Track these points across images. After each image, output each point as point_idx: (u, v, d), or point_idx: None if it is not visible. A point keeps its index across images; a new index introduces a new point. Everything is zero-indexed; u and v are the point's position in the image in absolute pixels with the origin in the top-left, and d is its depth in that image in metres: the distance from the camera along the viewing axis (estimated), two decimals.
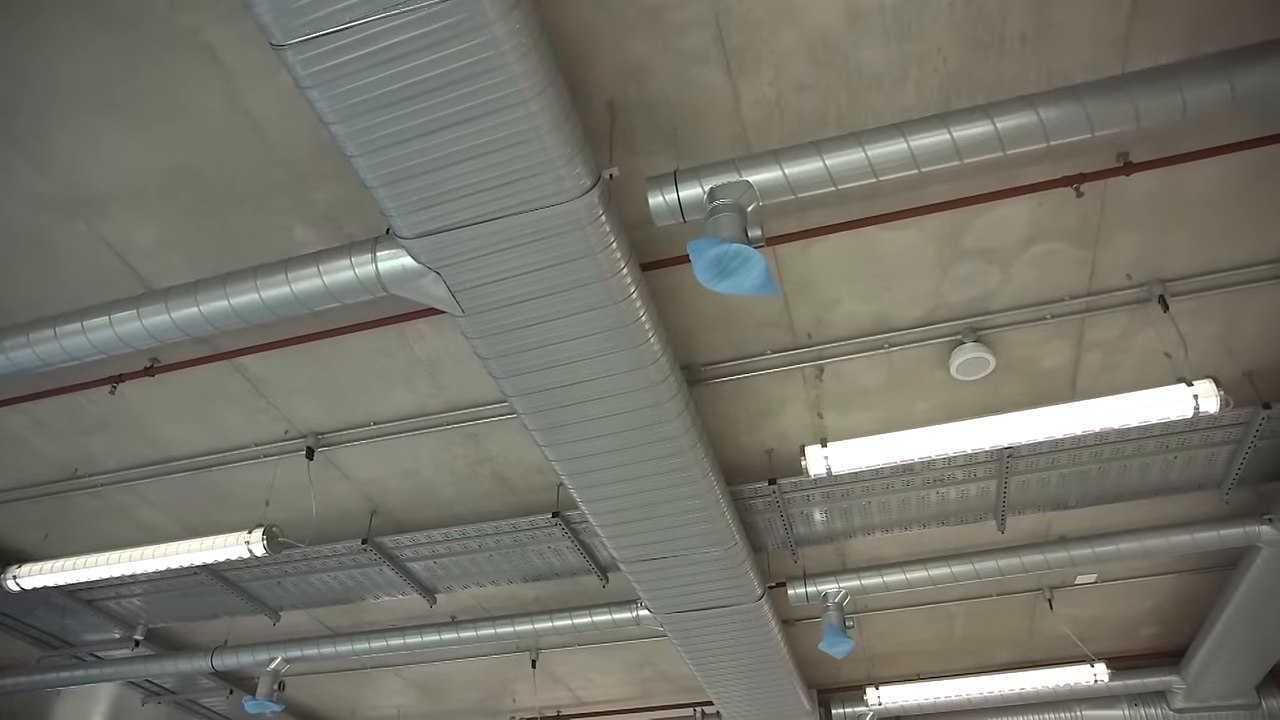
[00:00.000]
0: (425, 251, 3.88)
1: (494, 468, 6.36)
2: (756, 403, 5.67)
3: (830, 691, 9.70)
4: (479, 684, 9.87)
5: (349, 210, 4.51)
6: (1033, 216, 4.59)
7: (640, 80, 3.87)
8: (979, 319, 5.12)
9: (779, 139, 4.09)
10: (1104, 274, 4.94)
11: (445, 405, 5.82)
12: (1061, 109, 3.44)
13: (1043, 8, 3.70)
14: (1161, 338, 5.30)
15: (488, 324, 4.25)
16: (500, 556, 7.16)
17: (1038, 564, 6.61)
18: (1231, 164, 4.40)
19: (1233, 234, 4.75)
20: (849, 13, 3.66)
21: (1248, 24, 3.78)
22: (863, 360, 5.34)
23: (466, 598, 7.96)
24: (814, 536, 6.88)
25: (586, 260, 3.90)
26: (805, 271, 4.81)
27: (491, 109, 3.29)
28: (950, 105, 4.01)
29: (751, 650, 7.27)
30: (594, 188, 3.64)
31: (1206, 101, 3.37)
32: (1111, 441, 5.98)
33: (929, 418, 5.80)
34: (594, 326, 4.21)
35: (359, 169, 3.50)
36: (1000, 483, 6.29)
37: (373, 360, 5.45)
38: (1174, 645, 9.13)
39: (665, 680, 9.82)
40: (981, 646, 9.26)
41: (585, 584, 7.61)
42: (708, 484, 5.31)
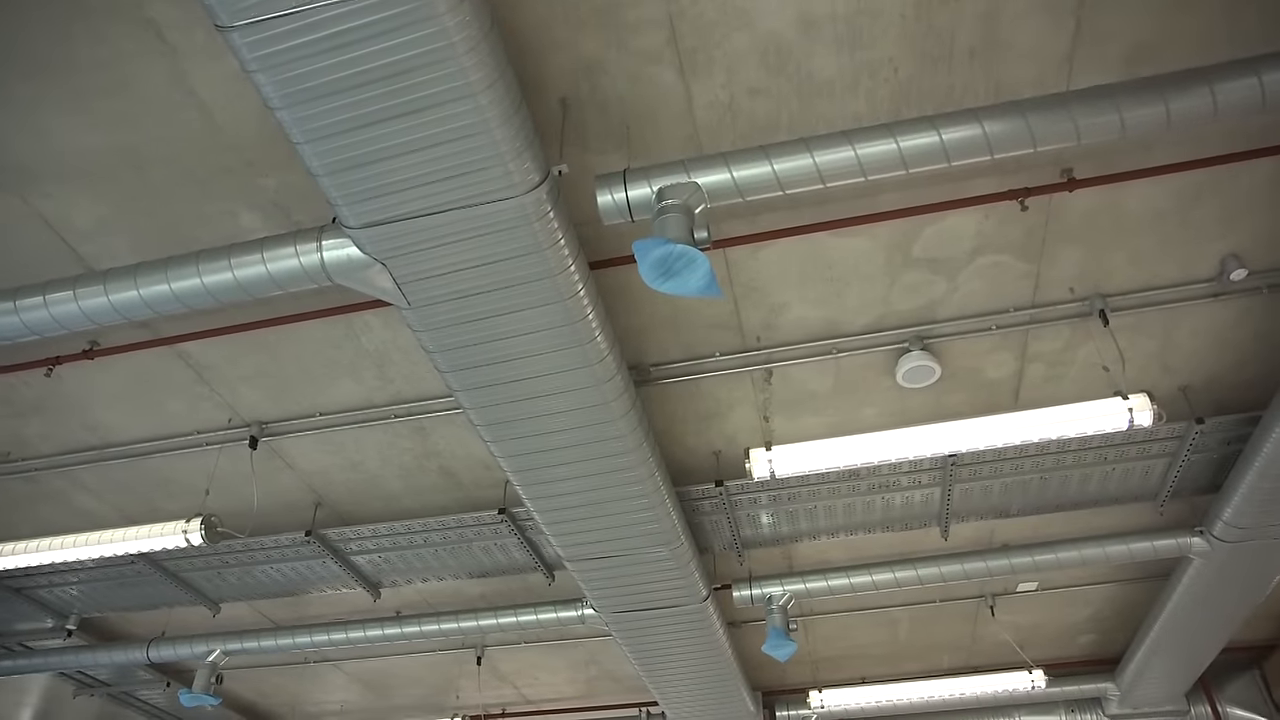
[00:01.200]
0: (371, 242, 3.84)
1: (441, 462, 6.31)
2: (705, 404, 5.70)
3: (775, 694, 9.78)
4: (424, 680, 9.79)
5: (299, 198, 4.45)
6: (979, 228, 4.66)
7: (593, 78, 3.87)
8: (926, 328, 5.18)
9: (731, 142, 4.12)
10: (1048, 287, 5.03)
11: (392, 398, 5.76)
12: (1005, 123, 3.50)
13: (991, 24, 3.76)
14: (1101, 352, 5.41)
15: (434, 317, 4.21)
16: (446, 552, 7.11)
17: (979, 571, 6.72)
18: (1170, 184, 4.51)
19: (1170, 252, 4.87)
20: (801, 19, 3.68)
21: (1184, 51, 3.88)
22: (811, 365, 5.39)
23: (411, 593, 7.89)
24: (761, 539, 6.92)
25: (534, 256, 3.89)
26: (755, 275, 4.84)
27: (440, 100, 3.27)
28: (900, 115, 4.06)
29: (697, 651, 7.30)
30: (543, 184, 3.64)
31: (1143, 122, 3.45)
32: (1052, 452, 6.09)
33: (876, 424, 5.87)
34: (540, 323, 4.20)
35: (305, 156, 3.46)
36: (944, 490, 6.38)
37: (319, 350, 5.39)
38: (1110, 653, 9.34)
39: (611, 680, 9.82)
40: (925, 651, 9.38)
41: (531, 581, 7.58)
42: (654, 484, 5.33)
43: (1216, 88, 3.38)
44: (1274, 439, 5.32)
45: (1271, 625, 8.72)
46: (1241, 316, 5.27)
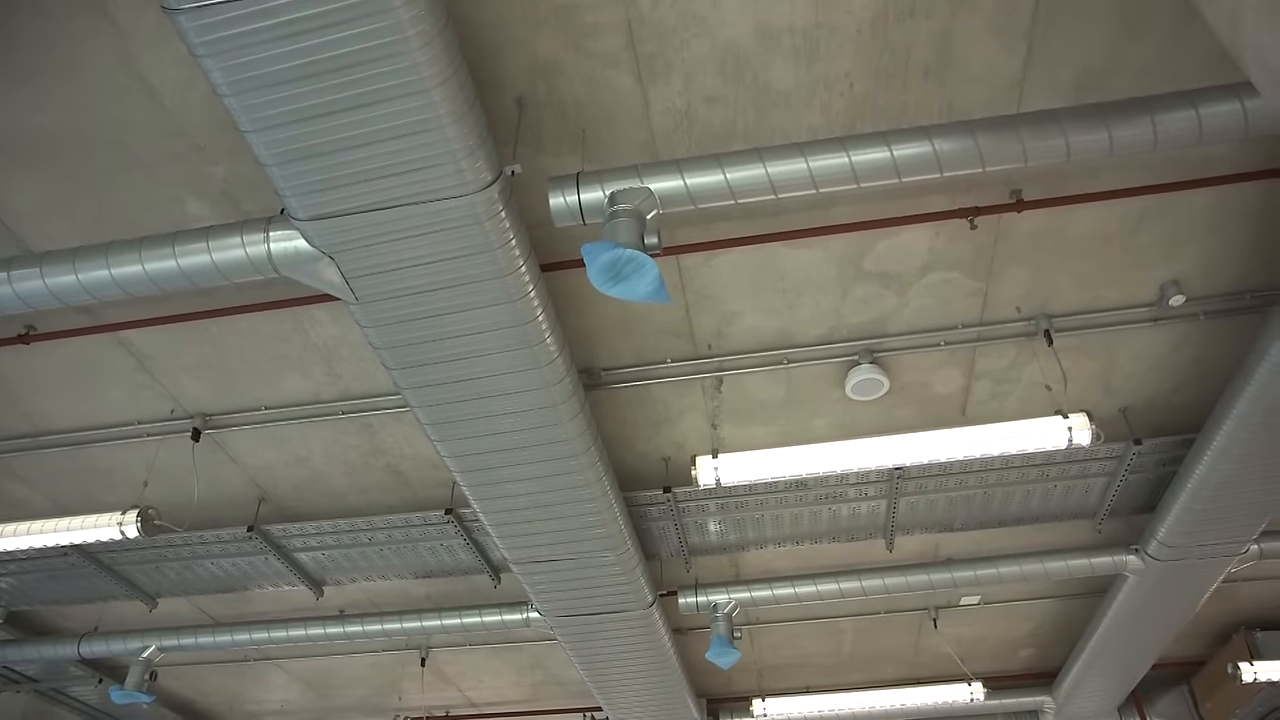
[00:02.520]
0: (319, 235, 3.79)
1: (388, 460, 6.24)
2: (656, 410, 5.70)
3: (720, 701, 9.79)
4: (367, 680, 9.66)
5: (248, 187, 4.38)
6: (930, 245, 4.72)
7: (550, 79, 3.86)
8: (876, 341, 5.24)
9: (687, 149, 4.13)
10: (995, 306, 5.11)
11: (340, 394, 5.69)
12: (955, 142, 3.55)
13: (946, 44, 3.81)
14: (1045, 371, 5.50)
15: (381, 313, 4.17)
16: (391, 551, 7.03)
17: (923, 584, 6.80)
18: (1116, 209, 4.60)
19: (1114, 276, 4.97)
20: (760, 30, 3.71)
21: (1130, 80, 3.96)
22: (762, 374, 5.42)
23: (356, 592, 7.79)
24: (708, 546, 6.93)
25: (484, 256, 3.87)
26: (708, 283, 4.85)
27: (392, 95, 3.24)
28: (855, 129, 4.10)
29: (641, 657, 7.29)
30: (495, 183, 3.62)
31: (1088, 148, 3.52)
32: (996, 468, 6.18)
33: (826, 434, 5.91)
34: (489, 323, 4.18)
35: (254, 145, 3.41)
36: (890, 502, 6.44)
37: (267, 343, 5.30)
38: (1049, 667, 9.49)
39: (556, 684, 9.78)
40: (870, 662, 9.46)
41: (477, 583, 7.52)
42: (601, 488, 5.31)
43: (1157, 118, 3.46)
44: (1206, 462, 5.45)
45: (1200, 642, 8.93)
46: (1180, 341, 5.40)
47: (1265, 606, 8.35)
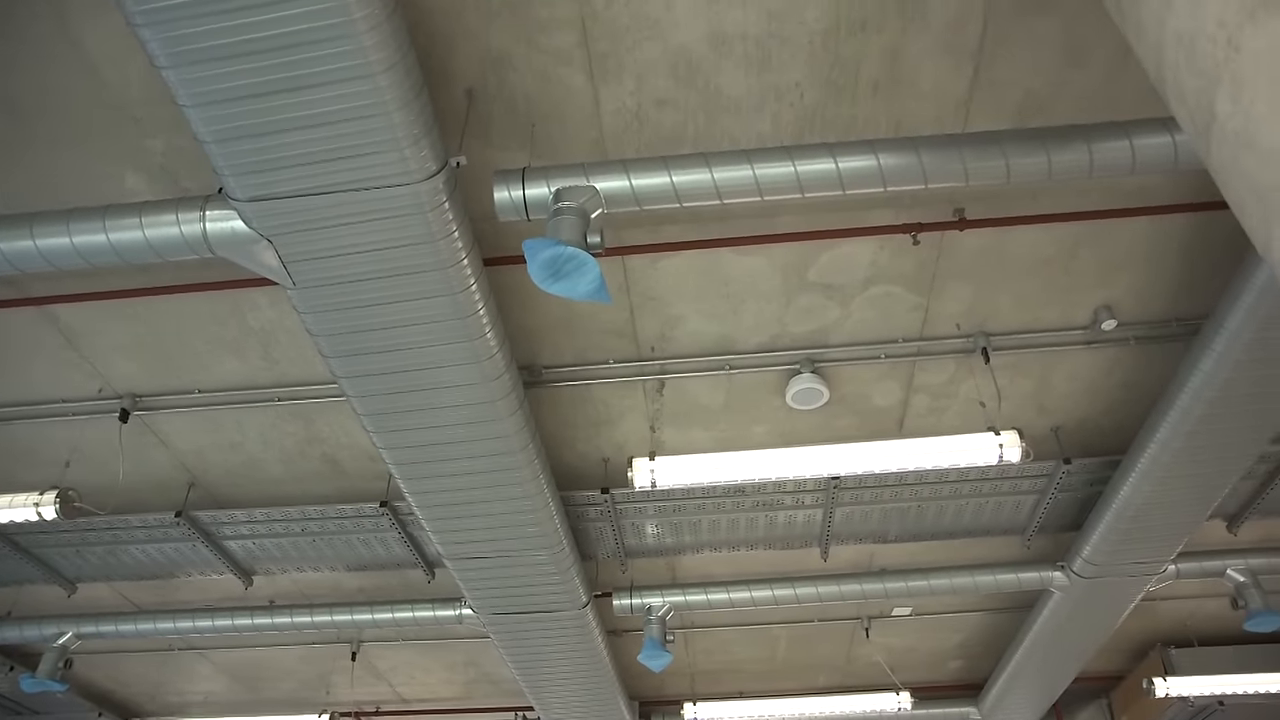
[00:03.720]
0: (258, 217, 3.72)
1: (325, 449, 6.15)
2: (596, 411, 5.68)
3: (653, 704, 9.80)
4: (296, 673, 9.49)
5: (189, 164, 4.28)
6: (874, 258, 4.78)
7: (501, 72, 3.83)
8: (818, 351, 5.29)
9: (636, 150, 4.13)
10: (935, 322, 5.19)
11: (277, 380, 5.58)
12: (900, 158, 3.60)
13: (896, 61, 3.86)
14: (982, 388, 5.60)
15: (319, 300, 4.10)
16: (324, 542, 6.91)
17: (855, 593, 6.88)
18: (1054, 232, 4.70)
19: (1052, 298, 5.08)
20: (713, 35, 3.72)
21: (1071, 107, 4.05)
22: (704, 379, 5.44)
23: (286, 582, 7.64)
24: (645, 549, 6.93)
25: (426, 246, 3.83)
26: (653, 285, 4.86)
27: (337, 77, 3.19)
28: (804, 140, 4.14)
29: (574, 658, 7.27)
30: (439, 173, 3.58)
31: (1027, 171, 3.59)
32: (930, 482, 6.28)
33: (765, 441, 5.95)
34: (429, 315, 4.13)
35: (192, 121, 3.33)
36: (826, 512, 6.50)
37: (203, 325, 5.18)
38: (976, 678, 9.66)
39: (489, 683, 9.71)
40: (803, 670, 9.55)
41: (411, 578, 7.43)
42: (538, 486, 5.29)
43: (1094, 146, 3.55)
44: (1130, 483, 5.60)
45: (1120, 657, 9.17)
46: (1111, 365, 5.53)
47: (1180, 624, 8.60)
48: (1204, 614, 8.43)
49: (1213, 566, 6.76)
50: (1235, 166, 1.80)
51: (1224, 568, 6.76)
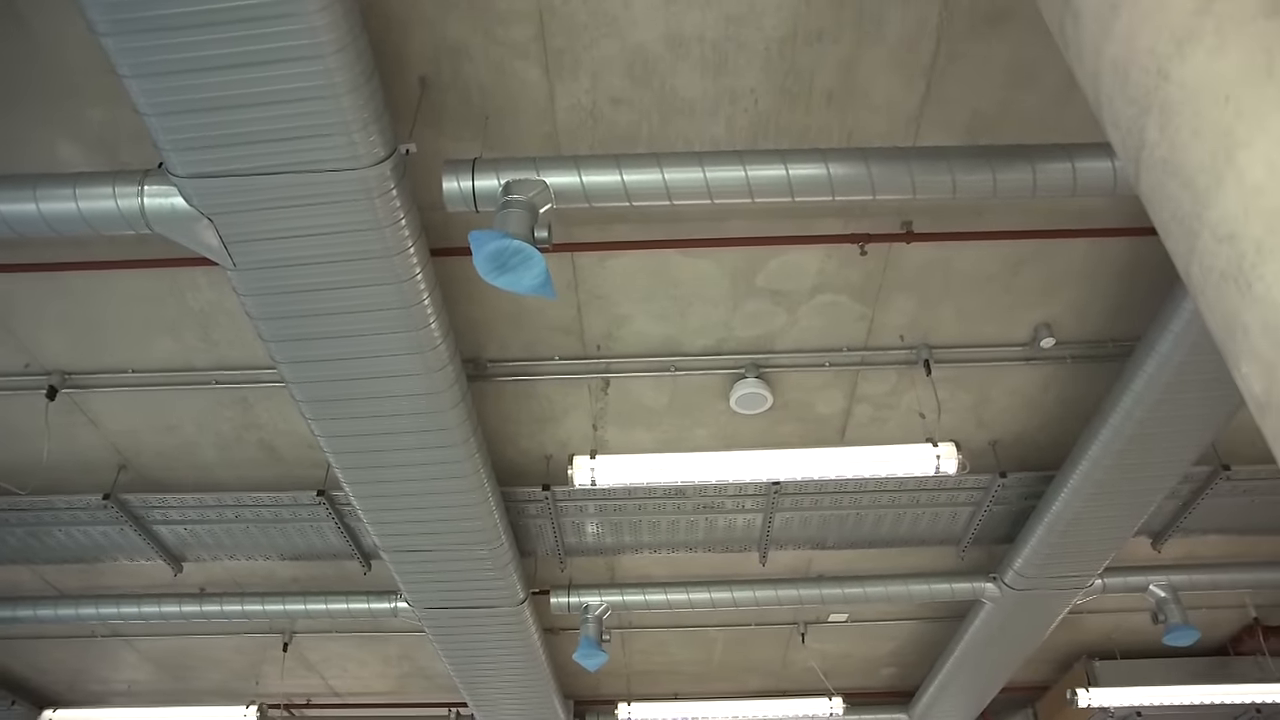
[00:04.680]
0: (199, 194, 3.63)
1: (263, 436, 6.03)
2: (541, 407, 5.66)
3: (588, 704, 9.79)
4: (225, 663, 9.30)
5: (129, 137, 4.16)
6: (822, 267, 4.82)
7: (456, 62, 3.79)
8: (763, 356, 5.32)
9: (589, 146, 4.11)
10: (880, 332, 5.26)
11: (215, 363, 5.46)
12: (849, 168, 3.64)
13: (850, 73, 3.90)
14: (923, 400, 5.69)
15: (260, 282, 4.03)
16: (259, 530, 6.78)
17: (792, 598, 6.94)
18: (999, 250, 4.79)
19: (993, 314, 5.17)
20: (670, 36, 3.72)
21: (1018, 127, 4.13)
22: (649, 380, 5.44)
23: (219, 570, 7.48)
24: (585, 548, 6.92)
25: (372, 233, 3.77)
26: (601, 283, 4.85)
27: (285, 56, 3.13)
28: (757, 145, 4.16)
29: (510, 654, 7.24)
30: (388, 159, 3.53)
31: (973, 187, 3.66)
32: (870, 490, 6.36)
33: (707, 444, 5.98)
34: (373, 302, 4.08)
35: (132, 92, 3.24)
36: (766, 516, 6.55)
37: (138, 303, 5.05)
38: (908, 686, 9.82)
39: (424, 678, 9.61)
40: (738, 672, 9.61)
41: (347, 569, 7.32)
42: (478, 481, 5.25)
43: (1038, 166, 3.62)
44: (1062, 498, 5.73)
45: (1046, 668, 9.38)
46: (1049, 381, 5.66)
47: (1105, 637, 8.83)
48: (1127, 627, 8.66)
49: (1136, 582, 6.94)
50: (1161, 193, 1.85)
51: (1147, 583, 6.95)
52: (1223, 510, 6.61)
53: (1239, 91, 1.56)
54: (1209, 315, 1.80)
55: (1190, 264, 1.82)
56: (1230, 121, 1.59)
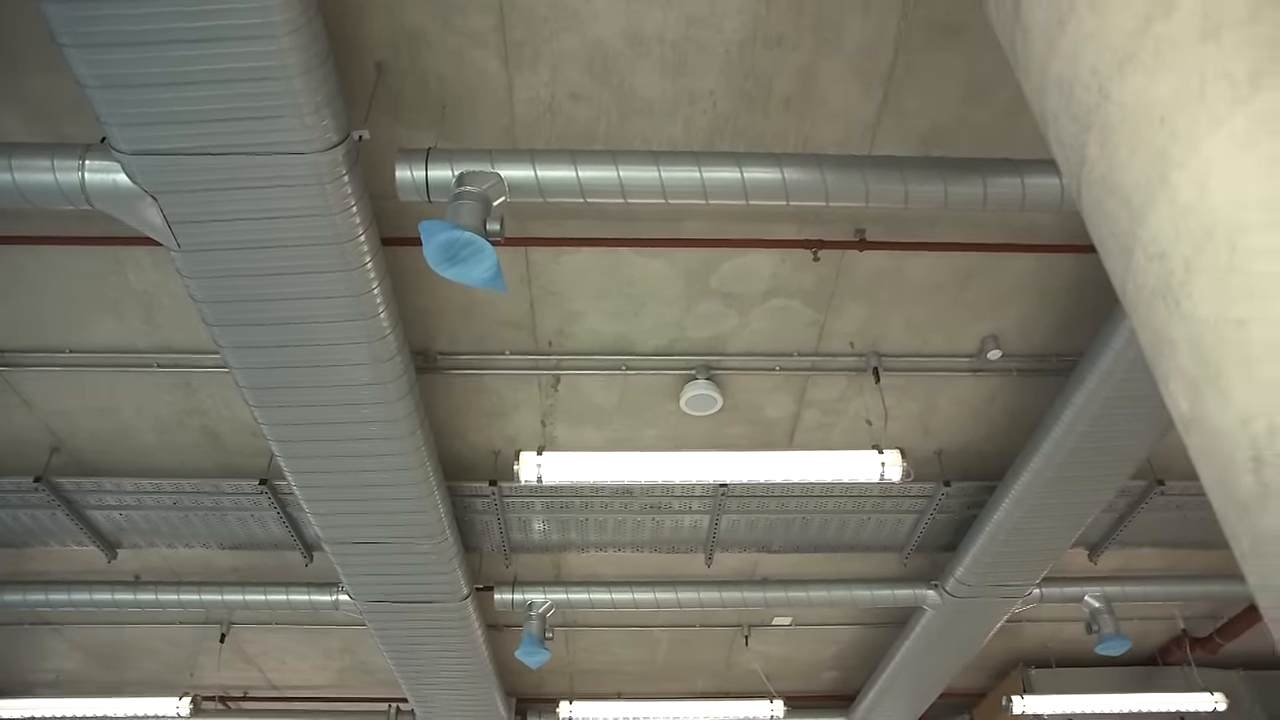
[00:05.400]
0: (143, 172, 3.55)
1: (205, 421, 5.90)
2: (490, 402, 5.62)
3: (530, 702, 9.75)
4: (158, 654, 9.09)
5: (72, 108, 4.03)
6: (775, 271, 4.85)
7: (414, 49, 3.75)
8: (714, 358, 5.34)
9: (546, 141, 4.09)
10: (831, 338, 5.30)
11: (158, 345, 5.34)
12: (804, 173, 3.66)
13: (808, 79, 3.92)
14: (870, 407, 5.75)
15: (205, 265, 3.94)
16: (198, 518, 6.64)
17: (737, 600, 6.97)
18: (949, 261, 4.85)
19: (942, 324, 5.24)
20: (631, 34, 3.71)
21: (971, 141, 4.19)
22: (600, 378, 5.43)
23: (155, 557, 7.31)
24: (531, 545, 6.89)
25: (322, 219, 3.71)
26: (555, 279, 4.83)
27: (237, 34, 3.07)
28: (714, 147, 4.16)
29: (452, 650, 7.17)
30: (340, 145, 3.48)
31: (924, 198, 3.71)
32: (816, 495, 6.41)
33: (656, 445, 5.98)
34: (321, 290, 4.01)
35: (74, 62, 3.15)
36: (713, 518, 6.57)
37: (78, 281, 4.91)
38: (849, 690, 9.91)
39: (364, 672, 9.49)
40: (682, 673, 9.63)
41: (288, 559, 7.20)
42: (424, 474, 5.19)
43: (988, 180, 3.68)
44: (1004, 508, 5.83)
45: (983, 675, 9.55)
46: (994, 393, 5.75)
47: (1041, 646, 9.01)
48: (1063, 637, 8.84)
49: (1073, 592, 7.09)
50: (1100, 210, 1.88)
51: (1083, 594, 7.10)
52: (1156, 524, 6.78)
53: (1173, 114, 1.60)
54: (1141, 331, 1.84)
55: (1125, 281, 1.86)
56: (1165, 142, 1.63)
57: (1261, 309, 1.41)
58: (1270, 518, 1.39)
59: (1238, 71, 1.48)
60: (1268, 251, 1.39)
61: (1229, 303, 1.47)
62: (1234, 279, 1.47)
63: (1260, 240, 1.41)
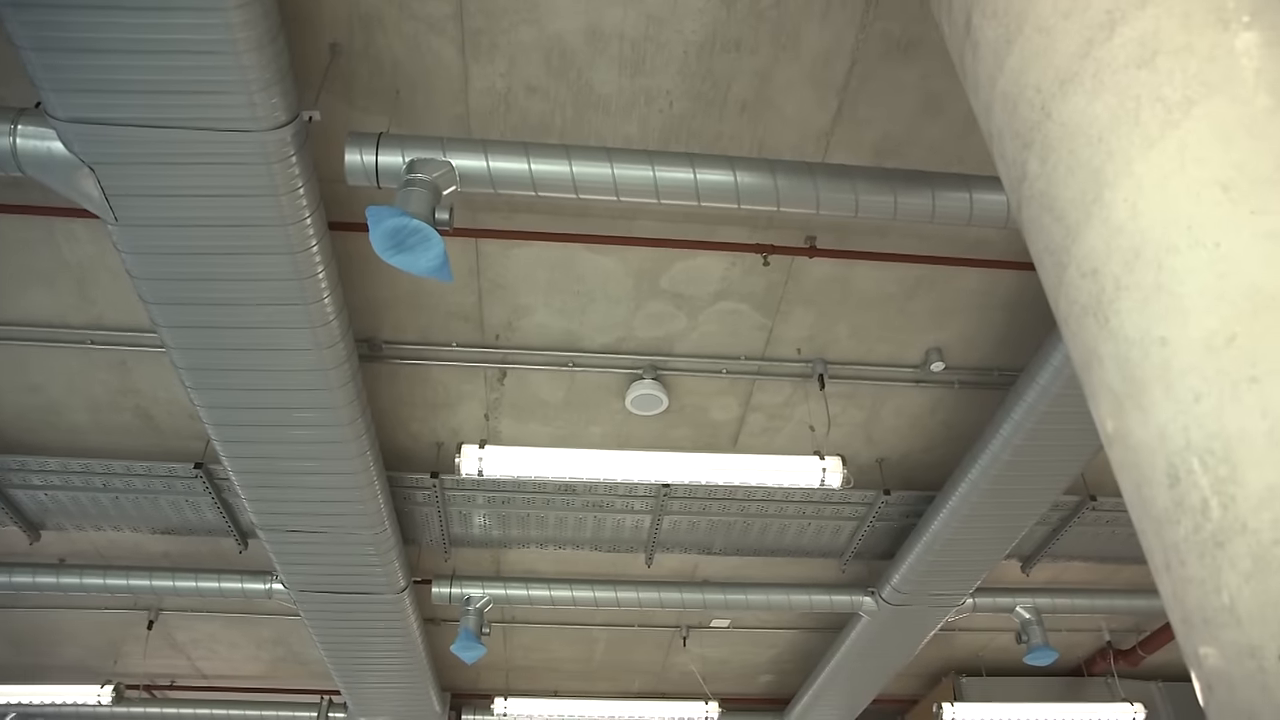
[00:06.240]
0: (80, 141, 3.44)
1: (140, 402, 5.75)
2: (435, 393, 5.56)
3: (466, 697, 9.67)
4: (81, 640, 8.84)
5: (6, 70, 3.91)
6: (725, 274, 4.87)
7: (370, 32, 3.69)
8: (662, 359, 5.34)
9: (501, 132, 4.06)
10: (778, 343, 5.34)
11: (92, 321, 5.18)
12: (757, 177, 3.68)
13: (765, 85, 3.95)
14: (814, 413, 5.80)
15: (144, 240, 3.84)
16: (129, 501, 6.46)
17: (675, 601, 6.98)
18: (897, 271, 4.92)
19: (888, 335, 5.31)
20: (590, 30, 3.70)
21: (923, 153, 4.25)
22: (546, 374, 5.40)
23: (82, 540, 7.11)
24: (471, 539, 6.83)
25: (268, 200, 3.64)
26: (504, 272, 4.79)
27: (184, 4, 2.99)
28: (669, 147, 4.17)
29: (387, 643, 7.08)
30: (289, 124, 3.41)
31: (874, 208, 3.74)
32: (758, 499, 6.45)
33: (600, 443, 5.97)
34: (265, 272, 3.93)
35: (6, 21, 3.04)
36: (655, 519, 6.58)
37: (9, 250, 4.75)
38: (785, 693, 10.00)
39: (297, 663, 9.33)
40: (619, 672, 9.62)
41: (222, 546, 7.05)
42: (364, 464, 5.12)
43: (937, 194, 3.73)
44: (940, 518, 5.92)
45: (916, 682, 9.70)
46: (936, 405, 5.84)
47: (973, 655, 9.18)
48: (995, 646, 9.01)
49: (1005, 603, 7.23)
50: (1037, 224, 1.91)
51: (1014, 604, 7.24)
52: (1087, 539, 6.94)
53: (1110, 134, 1.63)
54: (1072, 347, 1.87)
55: (1058, 296, 1.89)
56: (1101, 162, 1.66)
57: (1183, 328, 1.45)
58: (1183, 531, 1.42)
59: (1170, 96, 1.52)
60: (1191, 272, 1.43)
61: (1153, 321, 1.51)
62: (1160, 298, 1.50)
63: (1184, 261, 1.44)
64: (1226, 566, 1.34)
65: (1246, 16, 1.47)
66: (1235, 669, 1.33)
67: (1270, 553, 1.27)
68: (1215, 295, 1.41)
